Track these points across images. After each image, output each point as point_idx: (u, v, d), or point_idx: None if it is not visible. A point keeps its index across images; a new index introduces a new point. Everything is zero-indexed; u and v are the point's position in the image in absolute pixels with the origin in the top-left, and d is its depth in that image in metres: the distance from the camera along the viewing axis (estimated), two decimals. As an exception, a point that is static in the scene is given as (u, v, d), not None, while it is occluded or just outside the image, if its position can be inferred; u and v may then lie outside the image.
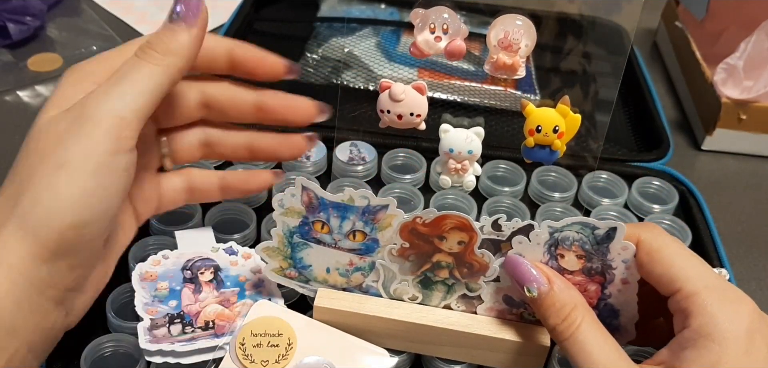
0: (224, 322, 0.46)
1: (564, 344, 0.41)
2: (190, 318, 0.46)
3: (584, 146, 0.56)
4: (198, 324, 0.46)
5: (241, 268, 0.50)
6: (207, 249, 0.51)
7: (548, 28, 0.51)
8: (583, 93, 0.53)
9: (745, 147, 0.73)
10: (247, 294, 0.48)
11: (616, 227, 0.42)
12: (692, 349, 0.38)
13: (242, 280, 0.49)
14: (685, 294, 0.39)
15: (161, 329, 0.45)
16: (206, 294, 0.48)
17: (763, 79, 0.70)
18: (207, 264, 0.50)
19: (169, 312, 0.46)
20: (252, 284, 0.49)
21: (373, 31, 0.77)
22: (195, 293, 0.48)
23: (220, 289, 0.48)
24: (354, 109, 0.68)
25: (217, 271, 0.49)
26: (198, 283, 0.48)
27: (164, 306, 0.47)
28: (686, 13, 0.83)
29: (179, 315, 0.46)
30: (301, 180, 0.43)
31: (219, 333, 0.45)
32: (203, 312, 0.47)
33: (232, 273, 0.49)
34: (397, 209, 0.43)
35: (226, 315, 0.47)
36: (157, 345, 0.44)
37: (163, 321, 0.46)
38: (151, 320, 0.46)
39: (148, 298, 0.47)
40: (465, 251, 0.44)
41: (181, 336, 0.45)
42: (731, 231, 0.65)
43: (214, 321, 0.46)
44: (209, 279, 0.49)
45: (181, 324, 0.46)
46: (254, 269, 0.49)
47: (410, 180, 0.61)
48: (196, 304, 0.47)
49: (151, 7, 0.87)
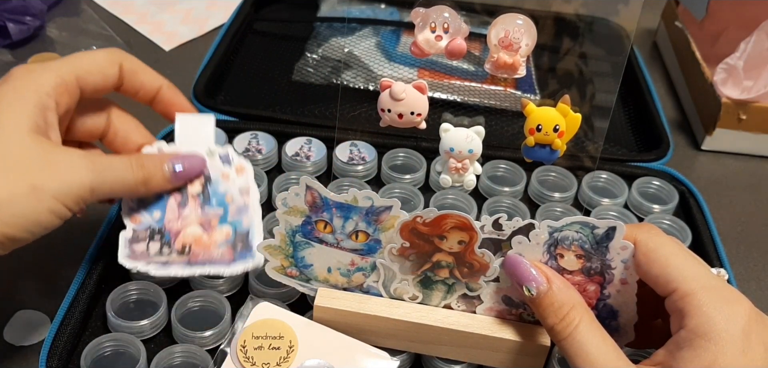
0: (200, 250, 0.47)
1: (562, 344, 0.41)
2: (170, 237, 0.47)
3: (584, 146, 0.56)
4: (175, 247, 0.47)
5: (230, 184, 0.50)
6: (203, 149, 0.50)
7: (548, 28, 0.51)
8: (583, 93, 0.53)
9: (745, 147, 0.73)
10: (229, 220, 0.48)
11: (615, 226, 0.42)
12: (689, 349, 0.38)
13: (229, 200, 0.49)
14: (682, 294, 0.39)
15: (141, 244, 0.47)
16: (190, 211, 0.48)
17: (763, 79, 0.70)
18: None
19: (151, 226, 0.47)
20: (236, 208, 0.49)
21: (373, 31, 0.77)
22: (180, 206, 0.48)
23: (205, 206, 0.49)
24: (354, 109, 0.68)
25: (207, 183, 0.49)
26: (185, 195, 0.49)
27: (148, 215, 0.48)
28: (686, 13, 0.83)
29: (160, 232, 0.47)
30: (306, 180, 0.43)
31: (193, 260, 0.47)
32: (183, 233, 0.48)
33: (220, 189, 0.49)
34: (400, 210, 0.43)
35: (204, 241, 0.48)
36: (133, 262, 0.47)
37: (144, 234, 0.47)
38: (134, 230, 0.47)
39: (134, 202, 0.49)
40: (465, 251, 0.44)
41: (157, 257, 0.47)
42: (731, 231, 0.65)
43: (191, 245, 0.47)
44: (197, 193, 0.49)
45: (160, 243, 0.47)
46: (243, 189, 0.49)
47: (410, 180, 0.61)
48: (178, 221, 0.48)
49: (151, 8, 0.87)
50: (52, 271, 0.56)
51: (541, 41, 0.50)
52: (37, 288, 0.54)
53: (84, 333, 0.49)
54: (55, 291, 0.53)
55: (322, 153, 0.63)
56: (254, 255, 0.49)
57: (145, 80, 0.51)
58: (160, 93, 0.52)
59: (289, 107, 0.69)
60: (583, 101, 0.51)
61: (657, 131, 0.70)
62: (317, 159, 0.62)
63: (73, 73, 0.48)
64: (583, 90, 0.54)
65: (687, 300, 0.39)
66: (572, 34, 0.58)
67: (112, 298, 0.49)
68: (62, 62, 0.48)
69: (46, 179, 0.43)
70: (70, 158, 0.45)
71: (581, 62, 0.57)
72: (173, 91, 0.53)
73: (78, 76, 0.48)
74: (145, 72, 0.52)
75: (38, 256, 0.56)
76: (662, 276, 0.40)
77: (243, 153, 0.62)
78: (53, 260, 0.56)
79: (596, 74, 0.56)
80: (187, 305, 0.50)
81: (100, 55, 0.50)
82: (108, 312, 0.48)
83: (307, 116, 0.68)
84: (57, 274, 0.55)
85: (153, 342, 0.48)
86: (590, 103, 0.53)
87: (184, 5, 0.88)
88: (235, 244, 0.49)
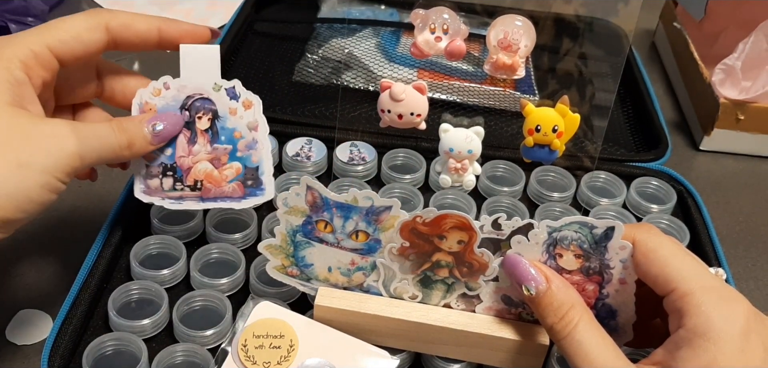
0: (210, 185, 0.49)
1: (561, 343, 0.41)
2: (182, 172, 0.49)
3: (583, 146, 0.56)
4: (187, 182, 0.49)
5: (238, 120, 0.50)
6: (209, 85, 0.50)
7: (547, 29, 0.52)
8: (581, 93, 0.53)
9: (743, 147, 0.74)
10: (238, 156, 0.49)
11: (614, 226, 0.42)
12: (687, 349, 0.38)
13: (237, 137, 0.50)
14: (680, 294, 0.39)
15: (154, 180, 0.49)
16: (199, 148, 0.50)
17: (761, 79, 0.70)
18: (206, 106, 0.50)
19: (163, 162, 0.49)
20: (245, 144, 0.50)
21: (373, 32, 0.78)
22: (190, 143, 0.50)
23: (214, 143, 0.50)
24: (354, 109, 0.68)
25: (215, 118, 0.50)
26: (194, 131, 0.50)
27: (160, 152, 0.50)
28: (684, 13, 0.83)
29: (172, 168, 0.49)
30: (306, 179, 0.43)
31: (204, 196, 0.49)
32: (194, 169, 0.49)
33: (228, 125, 0.50)
34: (400, 210, 0.43)
35: (214, 177, 0.50)
36: (149, 197, 0.49)
37: (157, 170, 0.49)
38: (147, 166, 0.49)
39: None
40: (465, 251, 0.44)
41: (171, 192, 0.49)
42: (729, 231, 0.65)
43: (202, 181, 0.49)
44: (205, 128, 0.50)
45: (173, 179, 0.49)
46: (251, 125, 0.50)
47: (410, 180, 0.61)
48: (189, 157, 0.50)
49: (152, 9, 0.87)
50: (54, 270, 0.56)
51: (540, 42, 0.50)
52: (38, 287, 0.55)
53: (85, 333, 0.49)
54: (57, 290, 0.53)
55: (323, 153, 0.63)
56: (265, 190, 0.50)
57: (140, 29, 0.49)
58: (161, 35, 0.50)
59: (290, 107, 0.70)
60: (581, 102, 0.52)
61: (655, 132, 0.70)
62: (317, 159, 0.62)
63: (44, 43, 0.46)
64: (581, 91, 0.54)
65: (686, 299, 0.39)
66: (571, 34, 0.58)
67: (114, 297, 0.49)
68: (31, 32, 0.46)
69: (31, 153, 0.42)
70: (54, 128, 0.44)
71: (580, 63, 0.57)
72: (174, 24, 0.51)
73: (50, 46, 0.46)
74: (137, 21, 0.49)
75: (40, 255, 0.57)
76: (661, 275, 0.41)
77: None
78: (55, 259, 0.57)
79: (595, 75, 0.57)
80: (189, 304, 0.50)
81: (78, 22, 0.47)
82: (109, 311, 0.48)
83: (307, 116, 0.68)
84: (59, 273, 0.55)
85: (154, 341, 0.48)
86: (589, 103, 0.54)
87: (184, 6, 0.88)
88: (245, 180, 0.50)
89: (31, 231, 0.57)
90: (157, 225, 0.55)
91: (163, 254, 0.53)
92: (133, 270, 0.52)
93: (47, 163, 0.42)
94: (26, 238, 0.57)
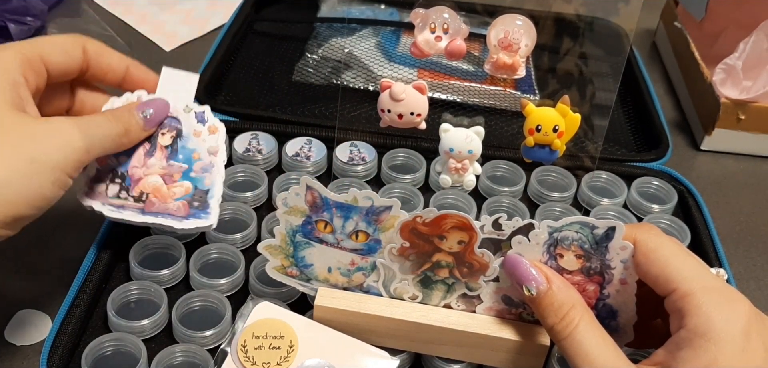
0: (155, 200, 0.49)
1: (562, 343, 0.41)
2: (130, 182, 0.49)
3: (583, 146, 0.56)
4: (133, 193, 0.49)
5: (200, 142, 0.51)
6: (181, 106, 0.52)
7: (548, 28, 0.52)
8: (582, 93, 0.53)
9: (744, 147, 0.74)
10: (192, 176, 0.50)
11: (615, 226, 0.42)
12: (688, 349, 0.38)
13: (195, 158, 0.50)
14: (681, 294, 0.39)
15: (101, 184, 0.49)
16: (155, 161, 0.50)
17: (762, 79, 0.70)
18: (172, 125, 0.51)
19: (115, 167, 0.49)
20: (201, 166, 0.50)
21: (373, 32, 0.78)
22: (147, 155, 0.50)
23: (171, 159, 0.50)
24: (354, 109, 0.68)
25: (178, 137, 0.51)
26: (154, 145, 0.50)
27: (114, 158, 0.50)
28: (685, 13, 0.83)
29: (122, 176, 0.49)
30: (306, 179, 0.43)
31: (148, 209, 0.48)
32: (143, 181, 0.49)
33: (189, 145, 0.51)
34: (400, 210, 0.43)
35: (162, 192, 0.49)
36: (89, 201, 0.48)
37: (106, 175, 0.49)
38: (97, 170, 0.49)
39: None
40: (465, 251, 0.44)
41: (114, 200, 0.48)
42: (730, 231, 0.65)
43: (148, 194, 0.49)
44: (167, 144, 0.50)
45: (120, 186, 0.49)
46: (212, 150, 0.51)
47: (410, 180, 0.61)
48: (142, 168, 0.50)
49: (152, 8, 0.87)
50: (53, 270, 0.56)
51: (540, 42, 0.50)
52: (38, 287, 0.55)
53: (85, 333, 0.49)
54: (56, 291, 0.53)
55: (322, 153, 0.63)
56: (209, 215, 0.50)
57: (111, 61, 0.51)
58: (128, 73, 0.52)
59: (290, 107, 0.69)
60: (582, 102, 0.52)
61: (656, 131, 0.70)
62: (317, 159, 0.62)
63: (36, 52, 0.48)
64: (582, 90, 0.54)
65: (686, 299, 0.39)
66: (571, 34, 0.58)
67: (113, 298, 0.49)
68: (24, 42, 0.48)
69: (42, 150, 0.43)
70: (60, 126, 0.45)
71: (580, 63, 0.57)
72: (141, 68, 0.53)
73: (41, 55, 0.48)
74: (110, 54, 0.52)
75: (39, 255, 0.57)
76: (662, 275, 0.41)
77: (243, 153, 0.62)
78: (54, 259, 0.56)
79: (595, 75, 0.57)
80: (188, 304, 0.50)
81: (62, 38, 0.50)
82: (109, 311, 0.48)
83: (307, 116, 0.68)
84: (58, 273, 0.55)
85: (154, 342, 0.48)
86: (589, 103, 0.54)
87: (184, 6, 0.88)
88: (192, 200, 0.50)
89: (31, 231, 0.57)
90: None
91: (163, 255, 0.53)
92: (132, 271, 0.52)
93: (58, 159, 0.43)
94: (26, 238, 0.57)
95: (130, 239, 0.53)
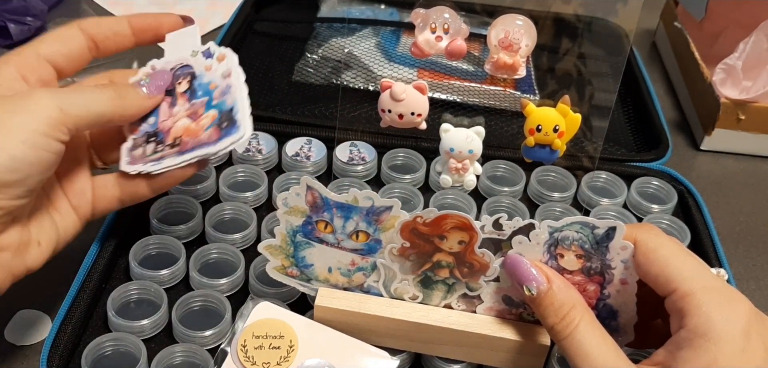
0: (189, 138, 0.49)
1: (562, 343, 0.41)
2: (163, 135, 0.50)
3: (583, 146, 0.56)
4: (167, 141, 0.50)
5: (213, 73, 0.52)
6: (188, 53, 0.53)
7: (548, 28, 0.52)
8: (582, 93, 0.53)
9: (744, 147, 0.74)
10: (214, 104, 0.50)
11: (615, 226, 0.42)
12: (688, 349, 0.38)
13: (212, 88, 0.51)
14: (681, 294, 0.39)
15: (139, 149, 0.50)
16: (179, 107, 0.51)
17: (762, 79, 0.70)
18: (185, 72, 0.52)
19: (147, 131, 0.50)
20: (220, 91, 0.51)
21: (373, 32, 0.78)
22: (170, 106, 0.51)
23: (192, 99, 0.51)
24: (354, 109, 0.68)
25: (193, 79, 0.52)
26: (174, 95, 0.51)
27: (145, 124, 0.51)
28: (685, 13, 0.83)
29: (155, 134, 0.50)
30: (306, 180, 0.43)
31: (183, 149, 0.49)
32: (173, 129, 0.50)
33: (204, 80, 0.52)
34: (400, 210, 0.43)
35: (192, 129, 0.50)
36: (133, 166, 0.49)
37: (141, 140, 0.50)
38: (133, 139, 0.50)
39: None
40: (465, 251, 0.44)
41: (152, 156, 0.49)
42: (730, 231, 0.65)
43: (181, 136, 0.49)
44: (184, 90, 0.51)
45: (155, 143, 0.50)
46: (224, 73, 0.51)
47: (410, 180, 0.61)
48: (169, 119, 0.51)
49: (152, 8, 0.87)
50: (53, 270, 0.56)
51: (540, 42, 0.50)
52: (37, 287, 0.54)
53: (85, 333, 0.49)
54: (56, 291, 0.53)
55: (323, 153, 0.63)
56: (239, 128, 0.49)
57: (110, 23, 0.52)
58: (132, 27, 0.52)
59: (290, 107, 0.69)
60: (582, 102, 0.52)
61: (656, 131, 0.70)
62: (317, 159, 0.62)
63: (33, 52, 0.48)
64: (582, 90, 0.54)
65: (687, 300, 0.39)
66: (571, 34, 0.58)
67: (113, 298, 0.49)
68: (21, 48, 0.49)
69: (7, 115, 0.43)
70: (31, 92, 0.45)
71: (581, 63, 0.57)
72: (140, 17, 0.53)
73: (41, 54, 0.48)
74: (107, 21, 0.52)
75: (39, 256, 0.56)
76: (662, 275, 0.41)
77: (243, 153, 0.62)
78: (54, 259, 0.56)
79: (595, 75, 0.57)
80: (188, 304, 0.50)
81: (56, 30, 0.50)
82: (109, 311, 0.48)
83: (307, 116, 0.68)
84: (58, 273, 0.55)
85: (153, 342, 0.48)
86: (589, 103, 0.54)
87: (184, 6, 0.88)
88: (220, 123, 0.50)
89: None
90: (156, 225, 0.55)
91: (163, 255, 0.53)
92: (132, 270, 0.52)
93: (23, 119, 0.43)
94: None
95: (130, 239, 0.53)
